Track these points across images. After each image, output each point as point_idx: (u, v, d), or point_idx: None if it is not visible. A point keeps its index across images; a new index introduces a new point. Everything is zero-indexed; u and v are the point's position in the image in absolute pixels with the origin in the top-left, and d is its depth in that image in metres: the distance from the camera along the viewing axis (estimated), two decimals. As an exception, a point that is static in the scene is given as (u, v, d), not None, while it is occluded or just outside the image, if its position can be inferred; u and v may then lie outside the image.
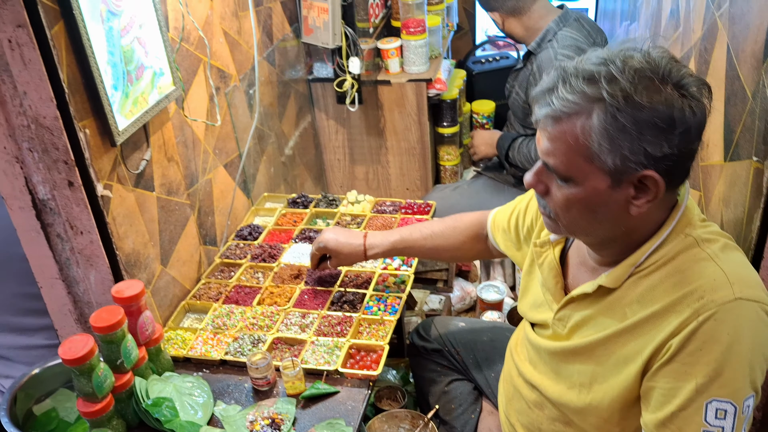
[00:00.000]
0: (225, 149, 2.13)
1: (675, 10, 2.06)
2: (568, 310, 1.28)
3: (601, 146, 1.04)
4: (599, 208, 1.10)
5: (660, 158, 1.03)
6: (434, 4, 3.00)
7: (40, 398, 1.69)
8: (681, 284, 1.10)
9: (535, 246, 1.38)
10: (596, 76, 1.03)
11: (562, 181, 1.11)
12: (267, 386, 1.59)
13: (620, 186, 1.07)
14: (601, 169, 1.06)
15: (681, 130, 1.01)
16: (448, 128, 3.09)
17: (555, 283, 1.32)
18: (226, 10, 2.09)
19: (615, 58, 1.04)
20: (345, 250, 1.77)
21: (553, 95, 1.06)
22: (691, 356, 1.07)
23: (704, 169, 1.69)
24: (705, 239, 1.13)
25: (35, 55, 1.32)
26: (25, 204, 1.48)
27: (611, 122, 1.02)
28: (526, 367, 1.41)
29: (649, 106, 1.00)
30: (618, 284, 1.17)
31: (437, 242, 1.71)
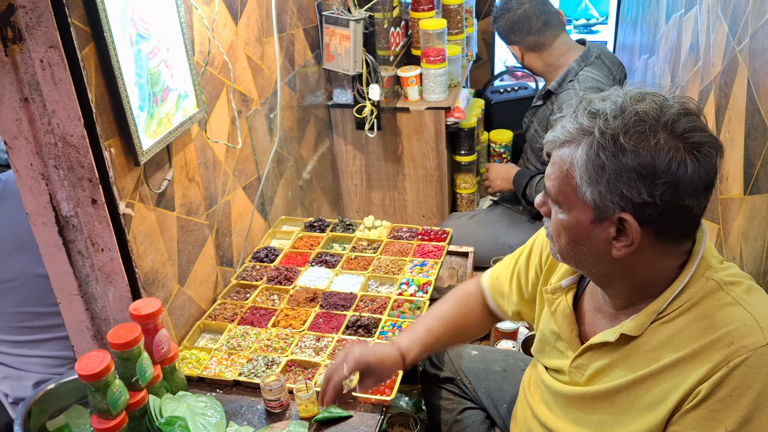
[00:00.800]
0: (244, 172, 2.16)
1: (695, 44, 2.08)
2: (585, 358, 1.25)
3: (582, 178, 1.06)
4: (583, 241, 1.12)
5: (639, 204, 1.02)
6: (454, 33, 3.04)
7: (54, 414, 1.70)
8: (708, 330, 1.08)
9: (546, 293, 1.34)
10: (599, 112, 1.05)
11: (557, 206, 1.14)
12: (280, 408, 1.59)
13: (602, 223, 1.08)
14: (583, 201, 1.08)
15: (664, 180, 1.00)
16: (465, 156, 3.11)
17: (570, 331, 1.29)
18: (250, 36, 2.13)
19: (628, 97, 1.06)
20: (388, 362, 1.50)
21: (561, 122, 1.11)
22: (720, 402, 1.05)
23: (723, 203, 1.68)
24: (728, 282, 1.12)
25: (66, 75, 1.35)
26: (48, 220, 1.51)
27: (593, 157, 1.04)
28: (540, 408, 1.38)
29: (632, 150, 1.01)
30: (640, 332, 1.15)
31: (460, 324, 1.58)
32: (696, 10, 2.10)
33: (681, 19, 2.32)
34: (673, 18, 2.47)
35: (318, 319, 1.86)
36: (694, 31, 2.10)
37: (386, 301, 1.92)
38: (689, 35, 2.17)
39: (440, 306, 1.61)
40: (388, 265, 2.07)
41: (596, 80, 2.36)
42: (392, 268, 2.06)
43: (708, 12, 1.93)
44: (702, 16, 2.01)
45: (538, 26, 2.45)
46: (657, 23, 2.80)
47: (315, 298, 1.95)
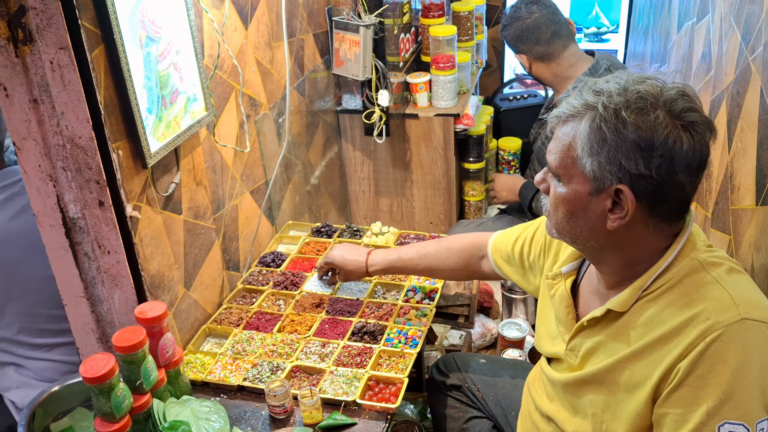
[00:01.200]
0: (252, 176, 2.15)
1: (707, 53, 2.06)
2: (579, 338, 1.29)
3: (583, 149, 1.12)
4: (579, 213, 1.16)
5: (636, 176, 1.08)
6: (464, 40, 3.04)
7: (58, 416, 1.70)
8: (687, 307, 1.11)
9: (547, 278, 1.41)
10: (603, 90, 1.12)
11: (556, 180, 1.19)
12: (284, 414, 1.58)
13: (599, 195, 1.13)
14: (583, 173, 1.13)
15: (660, 153, 1.06)
16: (473, 164, 3.10)
17: (566, 314, 1.34)
18: (260, 41, 2.13)
19: (631, 79, 1.12)
20: (350, 266, 1.89)
21: (566, 100, 1.17)
22: (700, 379, 1.07)
23: (735, 213, 1.66)
24: (710, 263, 1.15)
25: (75, 76, 1.35)
26: (56, 222, 1.51)
27: (596, 130, 1.10)
28: (542, 401, 1.41)
29: (633, 123, 1.07)
30: (626, 308, 1.19)
31: (431, 262, 1.79)
32: (708, 18, 2.08)
33: (693, 28, 2.30)
34: (685, 27, 2.45)
35: (324, 325, 1.85)
36: (707, 40, 2.08)
37: (392, 308, 1.90)
38: (701, 44, 2.16)
39: (429, 242, 1.87)
40: (395, 272, 2.06)
41: None
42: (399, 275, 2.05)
43: (721, 20, 1.92)
44: (714, 24, 1.99)
45: (548, 36, 2.42)
46: (668, 32, 2.78)
47: (321, 303, 1.94)
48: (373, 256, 1.87)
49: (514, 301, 2.64)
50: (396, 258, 1.83)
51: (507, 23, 2.51)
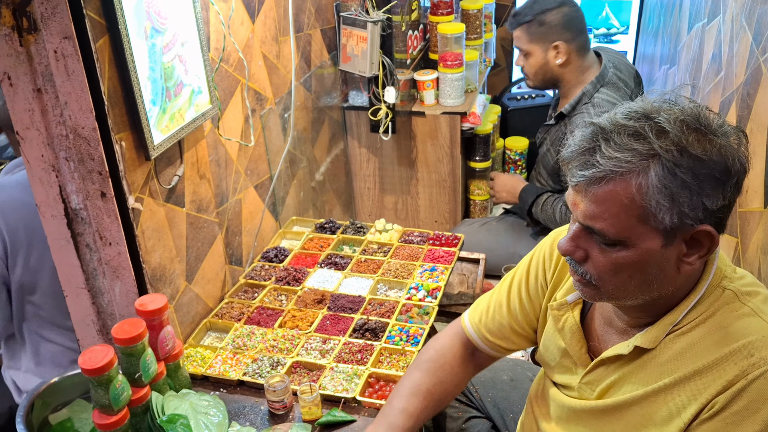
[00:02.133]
0: (256, 171, 2.15)
1: (717, 54, 2.04)
2: (597, 373, 1.21)
3: (659, 204, 0.97)
4: (650, 269, 1.04)
5: (714, 211, 0.99)
6: (472, 39, 3.02)
7: (57, 407, 1.69)
8: (725, 341, 1.05)
9: (552, 309, 1.29)
10: (641, 131, 0.98)
11: (609, 245, 1.04)
12: (283, 410, 1.57)
13: (673, 244, 1.02)
14: (656, 228, 1.00)
15: (734, 180, 0.98)
16: (480, 163, 3.08)
17: (579, 348, 1.25)
18: (266, 35, 2.12)
19: (657, 111, 1.00)
20: None
21: (597, 155, 1.00)
22: (736, 415, 1.02)
23: (742, 216, 1.64)
24: (745, 292, 1.09)
25: (79, 66, 1.35)
26: (58, 212, 1.50)
27: (670, 178, 0.96)
28: (548, 424, 1.34)
29: (706, 158, 0.96)
30: (655, 344, 1.11)
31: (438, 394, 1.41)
32: (719, 19, 2.06)
33: (704, 29, 2.28)
34: (696, 28, 2.43)
35: (325, 321, 1.84)
36: (717, 41, 2.06)
37: (395, 305, 1.89)
38: (711, 45, 2.14)
39: (412, 376, 1.40)
40: (398, 269, 2.05)
41: (612, 103, 2.25)
42: (402, 272, 2.04)
43: (732, 21, 1.90)
44: (725, 25, 1.97)
45: (585, 29, 2.36)
46: (678, 33, 2.76)
47: (323, 299, 1.93)
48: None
49: (518, 302, 2.62)
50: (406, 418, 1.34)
51: (550, 7, 2.34)
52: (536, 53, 2.40)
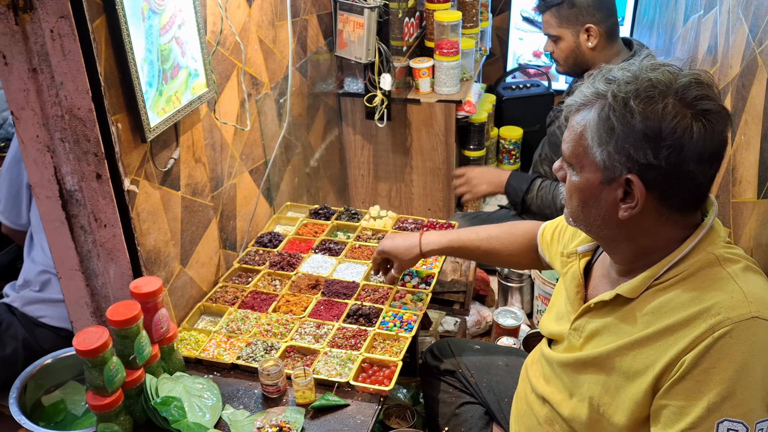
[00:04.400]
0: (251, 155, 2.14)
1: (713, 45, 2.05)
2: (584, 319, 1.28)
3: (593, 139, 1.12)
4: (592, 202, 1.16)
5: (645, 166, 1.07)
6: (469, 27, 3.02)
7: (50, 389, 1.70)
8: (698, 300, 1.10)
9: (562, 256, 1.41)
10: (615, 78, 1.12)
11: (571, 169, 1.19)
12: (277, 394, 1.58)
13: (610, 185, 1.12)
14: (594, 162, 1.13)
15: (669, 143, 1.05)
16: (474, 151, 3.08)
17: (576, 293, 1.33)
18: (263, 19, 2.11)
19: (645, 66, 1.12)
20: (401, 249, 1.79)
21: (579, 88, 1.17)
22: (704, 374, 1.06)
23: (735, 206, 1.66)
24: (727, 258, 1.13)
25: (75, 46, 1.33)
26: (52, 194, 1.50)
27: (604, 119, 1.10)
28: (539, 382, 1.41)
29: (641, 113, 1.06)
30: (635, 294, 1.18)
31: (494, 245, 1.72)
32: (716, 11, 2.06)
33: (699, 21, 2.28)
34: (692, 20, 2.43)
35: (319, 306, 1.85)
36: (713, 33, 2.07)
37: (388, 291, 1.90)
38: (707, 37, 2.14)
39: (486, 225, 1.76)
40: (392, 256, 2.05)
41: None
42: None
43: (728, 13, 1.90)
44: (722, 17, 1.98)
45: (616, 11, 2.28)
46: (674, 25, 2.76)
47: (317, 285, 1.93)
48: (427, 236, 1.78)
49: (510, 290, 2.64)
50: (454, 238, 1.75)
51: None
52: (567, 37, 2.29)
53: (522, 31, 3.88)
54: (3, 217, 2.03)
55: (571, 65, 2.34)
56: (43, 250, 1.96)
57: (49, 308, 1.96)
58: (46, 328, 1.95)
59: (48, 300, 1.96)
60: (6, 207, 2.01)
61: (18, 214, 2.00)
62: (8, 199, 1.99)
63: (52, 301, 1.96)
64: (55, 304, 1.96)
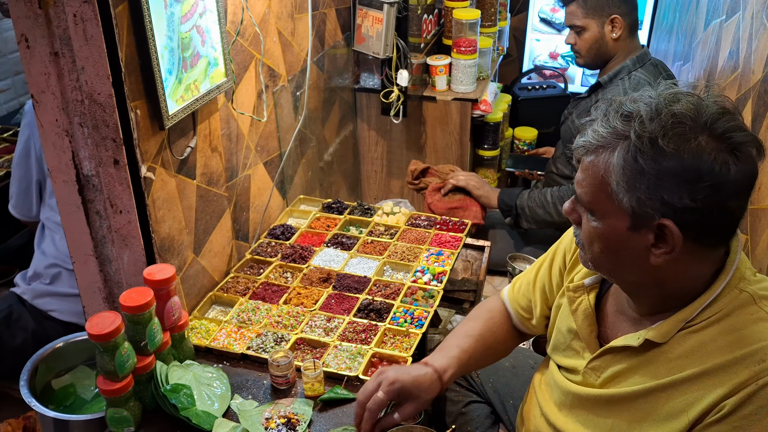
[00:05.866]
0: (267, 147, 2.14)
1: (734, 51, 2.03)
2: (604, 360, 1.21)
3: (619, 185, 1.02)
4: (619, 250, 1.08)
5: (681, 209, 0.99)
6: (487, 26, 3.01)
7: (60, 372, 1.71)
8: (738, 344, 1.05)
9: (568, 290, 1.31)
10: (633, 114, 1.02)
11: (589, 213, 1.10)
12: (286, 385, 1.58)
13: (639, 231, 1.04)
14: (620, 208, 1.04)
15: (708, 184, 0.97)
16: (488, 151, 3.08)
17: (590, 332, 1.26)
18: (282, 11, 2.11)
19: (661, 98, 1.02)
20: (425, 384, 1.37)
21: (591, 127, 1.07)
22: (744, 420, 1.02)
23: (753, 213, 1.64)
24: (762, 296, 1.08)
25: (98, 31, 1.34)
26: (69, 178, 1.50)
27: (631, 162, 1.00)
28: (550, 408, 1.35)
29: (674, 153, 0.97)
30: (666, 339, 1.11)
31: (489, 341, 1.49)
32: (738, 16, 2.05)
33: (721, 26, 2.27)
34: (713, 24, 2.42)
35: (330, 299, 1.85)
36: (735, 38, 2.05)
37: (400, 287, 1.90)
38: (729, 42, 2.13)
39: (467, 324, 1.52)
40: (404, 252, 2.05)
41: (648, 83, 2.22)
42: (408, 255, 2.04)
43: (752, 18, 1.88)
44: (745, 22, 1.96)
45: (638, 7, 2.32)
46: (694, 30, 2.75)
47: (328, 278, 1.93)
48: (435, 362, 1.40)
49: (520, 291, 2.62)
50: (461, 352, 1.43)
51: None
52: (592, 27, 2.32)
53: (539, 32, 3.87)
54: (15, 211, 2.07)
55: (594, 56, 2.37)
56: (54, 243, 1.97)
57: (59, 302, 1.98)
58: (56, 321, 1.97)
59: (58, 294, 1.98)
60: (17, 201, 2.05)
61: (29, 207, 2.04)
62: (19, 194, 2.03)
63: (62, 294, 1.97)
64: (65, 298, 1.97)
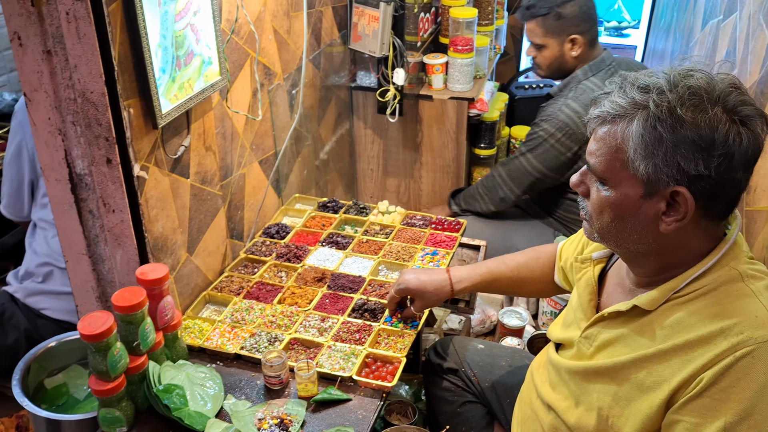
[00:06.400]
0: (262, 146, 2.13)
1: (731, 51, 2.03)
2: (597, 328, 1.25)
3: (636, 152, 1.06)
4: (629, 217, 1.12)
5: (694, 177, 1.03)
6: (484, 24, 3.00)
7: (53, 372, 1.70)
8: (720, 317, 1.08)
9: (576, 261, 1.39)
10: (650, 86, 1.06)
11: (600, 183, 1.14)
12: (279, 385, 1.57)
13: (652, 198, 1.08)
14: (635, 176, 1.08)
15: (721, 152, 1.02)
16: (484, 150, 3.07)
17: (588, 300, 1.31)
18: (278, 9, 2.10)
19: (676, 73, 1.07)
20: (430, 288, 1.61)
21: (608, 98, 1.11)
22: (722, 392, 1.04)
23: (749, 214, 1.64)
24: (750, 275, 1.11)
25: (90, 29, 1.33)
26: (62, 177, 1.49)
27: (650, 130, 1.05)
28: (545, 388, 1.38)
29: (691, 122, 1.02)
30: (654, 307, 1.15)
31: (523, 273, 1.63)
32: (735, 16, 2.04)
33: (718, 26, 2.26)
34: (710, 25, 2.41)
35: (324, 299, 1.84)
36: (732, 38, 2.05)
37: (395, 287, 1.89)
38: (726, 42, 2.12)
39: (512, 254, 1.66)
40: (399, 252, 2.05)
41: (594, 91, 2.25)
42: (403, 254, 2.04)
43: (749, 19, 1.88)
44: (742, 23, 1.96)
45: (597, 19, 2.38)
46: (692, 30, 2.74)
47: (323, 278, 1.92)
48: (456, 272, 1.62)
49: (516, 291, 2.62)
50: (485, 272, 1.62)
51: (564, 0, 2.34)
52: (552, 46, 2.40)
53: (537, 30, 3.86)
54: (6, 211, 2.07)
55: (554, 71, 2.47)
56: (47, 242, 1.96)
57: (51, 300, 1.97)
58: (48, 320, 1.96)
59: (50, 292, 1.97)
60: (9, 201, 2.05)
61: (21, 207, 2.04)
62: (11, 194, 2.03)
63: (55, 293, 1.96)
64: (57, 296, 1.96)
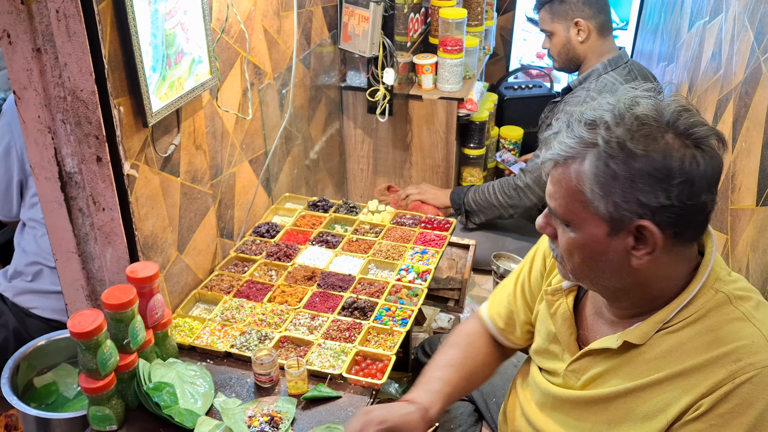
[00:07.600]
0: (252, 145, 2.14)
1: (717, 52, 2.05)
2: (583, 362, 1.22)
3: (594, 192, 1.03)
4: (599, 256, 1.08)
5: (657, 209, 1.00)
6: (473, 25, 3.02)
7: (42, 370, 1.70)
8: (715, 344, 1.06)
9: (546, 294, 1.31)
10: (597, 121, 1.03)
11: (565, 225, 1.10)
12: (269, 383, 1.58)
13: (618, 235, 1.05)
14: (597, 215, 1.05)
15: (679, 180, 0.99)
16: (474, 150, 3.08)
17: (569, 334, 1.26)
18: (268, 8, 2.10)
19: (621, 103, 1.04)
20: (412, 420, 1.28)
21: (556, 139, 1.08)
22: (720, 418, 1.03)
23: (734, 213, 1.66)
24: (737, 296, 1.09)
25: (80, 27, 1.33)
26: (52, 175, 1.49)
27: (603, 168, 1.01)
28: (531, 408, 1.35)
29: (644, 154, 0.99)
30: (644, 340, 1.12)
31: (471, 369, 1.44)
32: (721, 18, 2.07)
33: (704, 27, 2.29)
34: (697, 26, 2.44)
35: (314, 298, 1.85)
36: (718, 40, 2.07)
37: (384, 285, 1.90)
38: (712, 43, 2.15)
39: (447, 352, 1.46)
40: (389, 250, 2.06)
41: (614, 85, 2.27)
42: (393, 253, 2.05)
43: (734, 20, 1.91)
44: (727, 24, 1.98)
45: (607, 9, 2.39)
46: (679, 31, 2.77)
47: (313, 276, 1.93)
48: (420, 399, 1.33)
49: (505, 289, 2.64)
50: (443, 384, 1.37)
51: None
52: (559, 32, 2.42)
53: (526, 32, 3.89)
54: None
55: (564, 60, 2.47)
56: (36, 240, 1.96)
57: (40, 299, 1.96)
58: (38, 319, 1.95)
59: (40, 291, 1.96)
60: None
61: (10, 208, 2.02)
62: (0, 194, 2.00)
63: (44, 292, 1.96)
64: (46, 296, 1.95)
